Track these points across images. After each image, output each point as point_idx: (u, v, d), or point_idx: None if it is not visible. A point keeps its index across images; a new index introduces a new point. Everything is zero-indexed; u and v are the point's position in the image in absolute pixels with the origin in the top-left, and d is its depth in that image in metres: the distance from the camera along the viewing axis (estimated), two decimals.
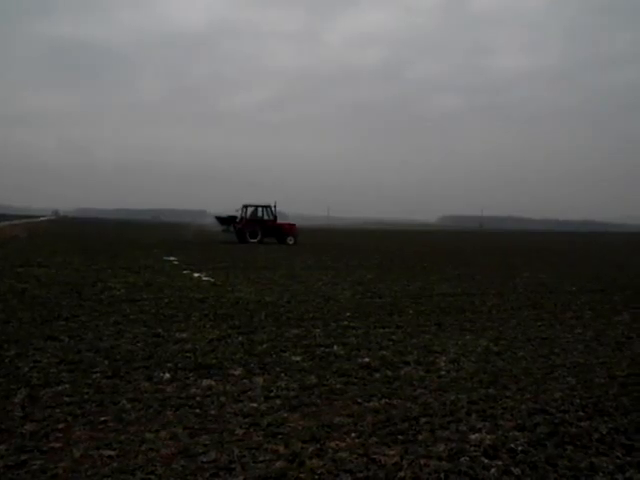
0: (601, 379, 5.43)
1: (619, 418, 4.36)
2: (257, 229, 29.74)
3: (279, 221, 31.59)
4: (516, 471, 3.45)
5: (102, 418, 4.09)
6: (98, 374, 5.14)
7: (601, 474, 3.44)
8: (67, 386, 4.77)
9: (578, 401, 4.74)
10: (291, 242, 30.16)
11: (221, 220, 31.01)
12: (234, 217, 30.38)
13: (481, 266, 19.45)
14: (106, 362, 5.52)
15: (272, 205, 30.52)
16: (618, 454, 3.72)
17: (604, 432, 4.07)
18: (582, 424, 4.22)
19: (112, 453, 3.54)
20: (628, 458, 3.66)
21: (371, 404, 4.56)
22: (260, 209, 30.69)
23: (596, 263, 23.04)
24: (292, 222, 33.04)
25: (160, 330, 7.04)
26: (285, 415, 4.26)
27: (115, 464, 3.40)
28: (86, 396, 4.53)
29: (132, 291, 10.42)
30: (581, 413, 4.46)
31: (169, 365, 5.50)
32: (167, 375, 5.19)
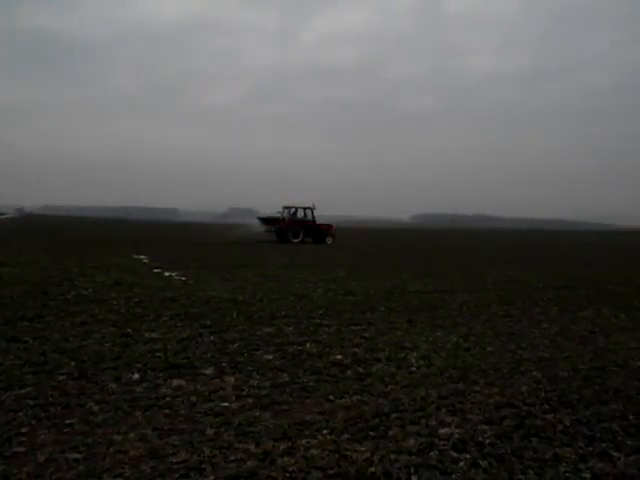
0: (565, 373, 5.60)
1: (582, 410, 4.51)
2: (299, 230, 30.85)
3: (318, 222, 32.55)
4: (484, 464, 3.53)
5: (68, 421, 4.00)
6: (64, 376, 5.01)
7: (564, 464, 3.55)
8: (31, 389, 4.64)
9: (543, 394, 4.88)
10: (329, 242, 31.14)
11: (265, 221, 32.10)
12: (277, 218, 31.46)
13: (452, 263, 19.77)
14: (72, 363, 5.39)
15: (312, 207, 31.57)
16: (581, 445, 3.85)
17: (567, 424, 4.20)
18: (547, 416, 4.35)
19: (78, 456, 3.46)
20: (590, 448, 3.79)
21: (343, 401, 4.58)
22: (300, 210, 31.74)
23: (563, 260, 23.70)
24: (330, 223, 33.94)
25: (129, 330, 6.91)
26: (256, 414, 4.25)
27: (81, 467, 3.33)
28: (51, 399, 4.42)
29: (100, 290, 10.19)
30: (546, 406, 4.59)
31: (138, 365, 5.41)
32: (136, 376, 5.10)
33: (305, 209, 31.75)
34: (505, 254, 27.65)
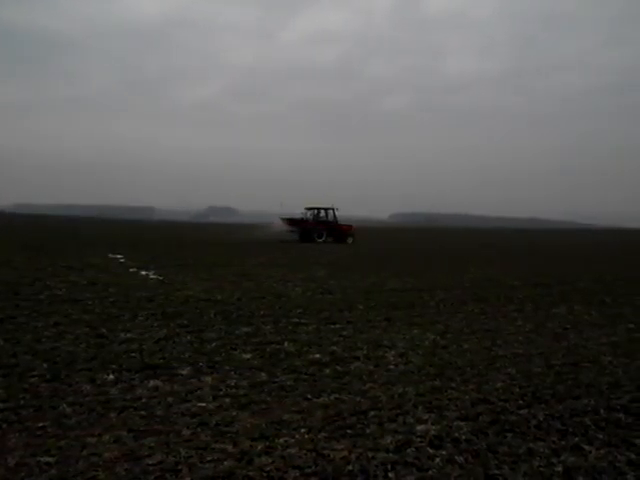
0: (539, 369, 5.71)
1: (555, 405, 4.61)
2: (322, 230, 32.14)
3: (339, 223, 33.84)
4: (459, 459, 3.57)
5: (40, 424, 3.90)
6: (36, 378, 4.89)
7: (538, 458, 3.62)
8: (1, 391, 4.51)
9: (518, 390, 4.97)
10: (350, 242, 32.25)
11: (289, 221, 33.16)
12: (301, 219, 32.75)
13: (430, 262, 19.98)
14: (45, 365, 5.27)
15: (334, 208, 32.87)
16: (554, 439, 3.93)
17: (541, 419, 4.28)
18: (521, 412, 4.43)
19: (50, 460, 3.39)
20: (563, 442, 3.87)
21: (321, 400, 4.59)
22: (323, 211, 33.05)
23: (537, 259, 24.16)
24: (350, 224, 35.07)
25: (104, 330, 6.79)
26: (234, 414, 4.22)
27: (54, 471, 3.26)
28: (22, 401, 4.31)
29: (74, 290, 9.98)
30: (520, 401, 4.67)
31: (113, 366, 5.32)
32: (111, 377, 5.02)
33: (327, 210, 32.96)
34: (481, 252, 28.05)
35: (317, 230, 32.11)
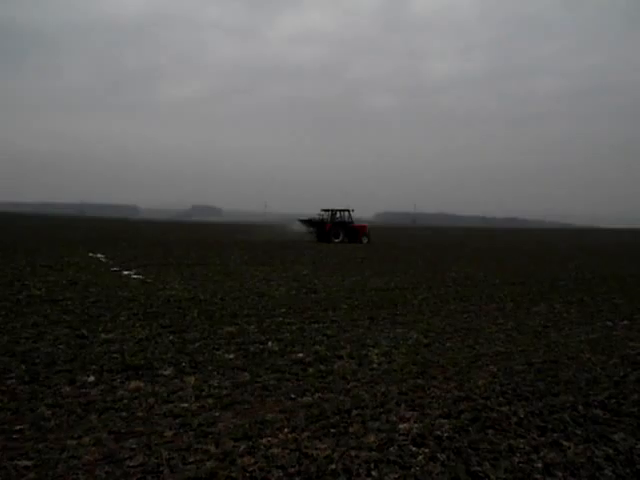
0: (520, 366, 5.79)
1: (535, 402, 4.68)
2: (340, 230, 33.23)
3: (354, 224, 34.98)
4: (441, 457, 3.60)
5: (18, 427, 3.84)
6: (13, 380, 4.80)
7: (518, 455, 3.67)
8: None
9: (499, 387, 5.03)
10: (365, 241, 33.43)
11: (309, 223, 34.59)
12: (320, 220, 34.06)
13: (413, 261, 20.11)
14: (23, 367, 5.17)
15: (350, 209, 34.28)
16: (534, 435, 3.99)
17: (522, 415, 4.34)
18: (502, 409, 4.48)
19: (28, 463, 3.33)
20: (542, 439, 3.94)
21: (304, 399, 4.58)
22: (339, 213, 34.18)
23: (517, 257, 24.48)
24: (365, 224, 36.07)
25: (84, 331, 6.69)
26: (217, 414, 4.19)
27: (32, 475, 3.21)
28: None
29: (54, 290, 9.81)
30: (501, 399, 4.73)
31: (94, 367, 5.25)
32: (91, 378, 4.94)
33: (342, 211, 34.17)
34: (463, 251, 28.32)
35: (334, 230, 33.20)
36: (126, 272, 13.23)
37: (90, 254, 18.16)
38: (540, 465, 3.54)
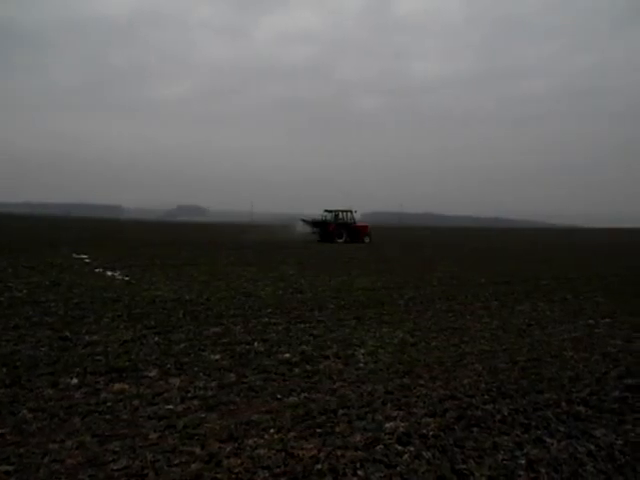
0: (504, 364, 5.85)
1: (519, 399, 4.73)
2: (343, 231, 33.82)
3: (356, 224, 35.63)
4: (427, 455, 3.63)
5: None
6: None
7: (502, 452, 3.71)
8: None
9: (484, 386, 5.08)
10: (367, 241, 34.20)
11: (312, 223, 35.08)
12: (323, 221, 34.57)
13: (399, 261, 20.20)
14: (4, 369, 5.08)
15: (352, 210, 35.03)
16: (517, 433, 4.03)
17: (506, 413, 4.39)
18: (487, 407, 4.53)
19: (9, 468, 3.28)
20: (526, 436, 3.98)
21: (290, 399, 4.58)
22: (342, 214, 34.70)
23: (502, 256, 24.74)
24: (366, 224, 36.82)
25: (68, 333, 6.60)
26: (202, 415, 4.17)
27: (13, 479, 3.15)
28: None
29: (36, 292, 9.67)
30: (486, 397, 4.78)
31: (77, 370, 5.18)
32: (74, 380, 4.88)
33: (345, 212, 34.78)
34: (449, 251, 28.54)
35: (338, 231, 33.74)
36: (110, 273, 13.09)
37: (74, 255, 17.92)
38: (524, 462, 3.58)
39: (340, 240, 33.38)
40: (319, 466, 3.42)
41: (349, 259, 20.11)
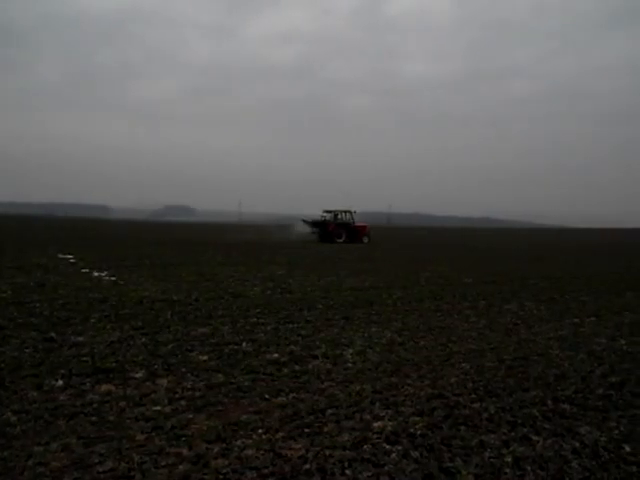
0: (491, 363, 5.90)
1: (506, 398, 4.77)
2: (342, 231, 34.04)
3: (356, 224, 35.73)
4: (415, 454, 3.64)
5: None
6: None
7: (489, 450, 3.74)
8: None
9: (471, 384, 5.12)
10: (366, 241, 34.51)
11: (312, 224, 35.23)
12: (323, 221, 34.69)
13: (388, 261, 20.27)
14: None
15: (352, 211, 35.21)
16: (504, 431, 4.07)
17: (492, 411, 4.43)
18: (474, 405, 4.56)
19: None
20: (512, 434, 4.02)
21: (278, 399, 4.57)
22: (341, 214, 34.93)
23: (490, 257, 24.94)
24: (365, 224, 36.79)
25: (53, 334, 6.52)
26: (190, 416, 4.14)
27: None
28: None
29: (21, 292, 9.54)
30: (473, 395, 4.81)
31: (62, 371, 5.12)
32: (60, 382, 4.82)
33: (345, 212, 35.01)
34: (437, 251, 28.69)
35: (337, 231, 33.96)
36: (97, 273, 12.96)
37: (59, 255, 17.72)
38: (510, 459, 3.61)
39: (339, 240, 33.67)
40: (307, 466, 3.42)
41: (337, 259, 20.13)
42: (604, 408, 4.58)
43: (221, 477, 3.26)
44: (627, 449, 3.81)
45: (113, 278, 12.11)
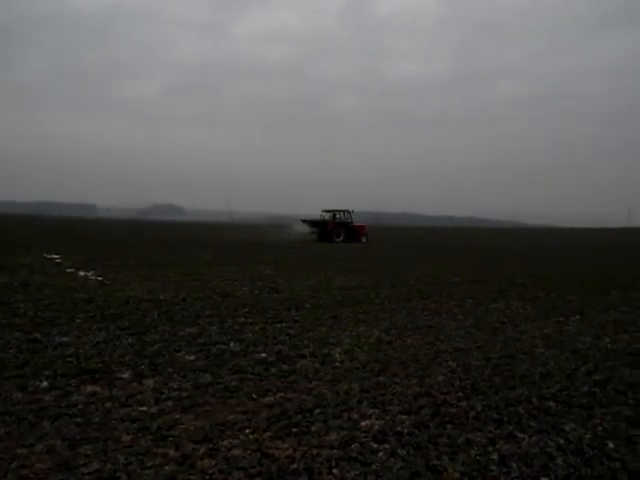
0: (478, 362, 5.94)
1: (492, 396, 4.81)
2: (341, 231, 34.64)
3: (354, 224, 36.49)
4: (402, 452, 3.65)
5: None
6: None
7: (475, 448, 3.77)
8: None
9: (458, 383, 5.15)
10: (364, 240, 35.23)
11: (311, 223, 35.88)
12: (322, 220, 35.33)
13: (376, 260, 20.33)
14: None
15: (350, 210, 36.06)
16: (490, 428, 4.10)
17: (479, 410, 4.46)
18: (461, 404, 4.59)
19: None
20: (498, 431, 4.05)
21: (266, 399, 4.56)
22: (339, 214, 35.69)
23: (477, 255, 25.14)
24: (363, 224, 37.79)
25: (37, 335, 6.43)
26: (177, 417, 4.11)
27: None
28: None
29: (4, 293, 9.39)
30: (460, 394, 4.84)
31: (47, 372, 5.05)
32: (44, 383, 4.76)
33: (343, 212, 35.77)
34: (425, 250, 28.86)
35: (336, 231, 34.36)
36: (83, 273, 12.82)
37: (45, 255, 17.50)
38: (496, 457, 3.64)
39: (338, 239, 34.05)
40: (294, 466, 3.41)
41: (326, 259, 20.14)
42: (588, 405, 4.63)
43: (208, 477, 3.24)
44: (610, 445, 3.86)
45: (99, 278, 11.99)
